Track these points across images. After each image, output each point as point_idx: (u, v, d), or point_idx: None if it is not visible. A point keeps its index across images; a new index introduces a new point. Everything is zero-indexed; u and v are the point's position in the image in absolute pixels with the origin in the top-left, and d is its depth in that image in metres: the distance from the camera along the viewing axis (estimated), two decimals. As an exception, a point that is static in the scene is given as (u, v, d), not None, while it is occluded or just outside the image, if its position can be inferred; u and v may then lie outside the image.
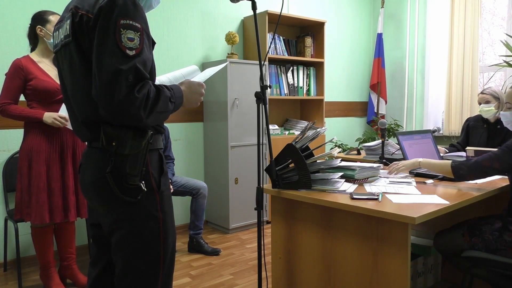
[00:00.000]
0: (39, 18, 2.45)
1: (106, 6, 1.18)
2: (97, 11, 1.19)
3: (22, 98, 2.48)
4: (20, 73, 2.40)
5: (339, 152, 4.11)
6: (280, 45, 4.23)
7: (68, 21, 1.27)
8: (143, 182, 1.28)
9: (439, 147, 2.71)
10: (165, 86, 1.31)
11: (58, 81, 2.48)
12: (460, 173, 1.92)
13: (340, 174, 1.95)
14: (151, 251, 1.33)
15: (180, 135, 3.83)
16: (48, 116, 2.38)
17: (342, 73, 5.20)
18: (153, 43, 1.33)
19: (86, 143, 1.39)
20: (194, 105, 1.46)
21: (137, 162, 1.26)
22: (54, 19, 2.44)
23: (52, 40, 2.37)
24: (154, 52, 1.34)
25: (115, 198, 1.27)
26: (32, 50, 2.52)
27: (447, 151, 2.85)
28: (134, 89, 1.16)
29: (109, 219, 1.32)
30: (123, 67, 1.15)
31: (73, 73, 1.30)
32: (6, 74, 2.44)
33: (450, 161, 1.98)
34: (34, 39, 2.49)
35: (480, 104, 2.83)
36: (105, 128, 1.25)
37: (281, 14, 2.55)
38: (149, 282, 1.35)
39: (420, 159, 2.10)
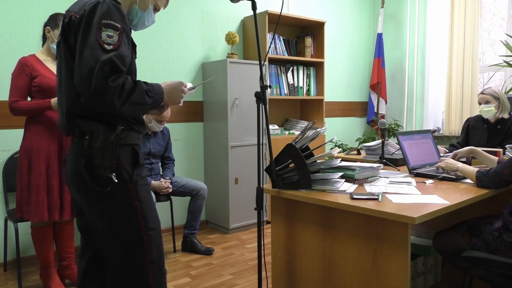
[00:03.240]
0: (52, 20, 2.47)
1: (91, 8, 1.31)
2: (82, 12, 1.32)
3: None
4: (26, 70, 2.42)
5: (339, 152, 4.11)
6: (280, 45, 4.23)
7: (61, 23, 1.44)
8: (114, 174, 1.36)
9: (439, 147, 2.71)
10: (144, 81, 1.41)
11: None
12: (482, 183, 1.93)
13: (340, 174, 1.95)
14: (133, 237, 1.41)
15: (180, 135, 3.83)
16: (54, 101, 2.39)
17: (342, 73, 5.20)
18: (134, 45, 1.46)
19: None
20: (176, 102, 1.56)
21: (106, 154, 1.35)
22: None
23: (54, 45, 2.45)
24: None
25: (89, 188, 1.37)
26: (43, 45, 2.55)
27: (447, 151, 2.85)
28: (108, 79, 1.27)
29: (88, 209, 1.43)
30: (100, 59, 1.27)
31: (61, 69, 1.43)
32: (12, 74, 2.45)
33: (477, 169, 1.99)
34: (44, 36, 2.52)
35: (480, 104, 2.83)
36: (79, 123, 1.36)
37: (281, 14, 2.56)
38: (135, 267, 1.42)
39: (459, 165, 2.10)
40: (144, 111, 1.44)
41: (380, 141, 2.74)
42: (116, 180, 1.36)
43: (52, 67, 2.50)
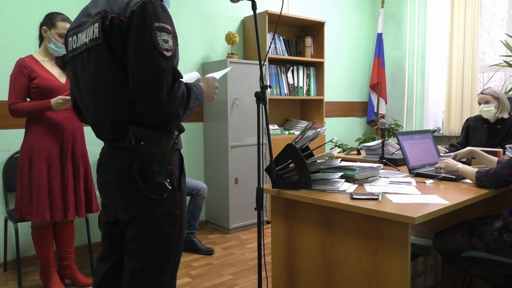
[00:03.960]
0: (48, 19, 2.45)
1: (138, 10, 1.22)
2: (130, 14, 1.23)
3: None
4: (24, 71, 2.40)
5: (339, 152, 4.11)
6: (280, 45, 4.23)
7: (97, 25, 1.30)
8: (168, 180, 1.34)
9: (439, 147, 2.71)
10: (190, 84, 1.36)
11: (61, 80, 2.49)
12: (482, 184, 1.93)
13: (340, 174, 1.95)
14: (165, 246, 1.38)
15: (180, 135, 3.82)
16: (53, 101, 2.37)
17: (342, 73, 5.20)
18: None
19: (106, 143, 1.43)
20: (211, 99, 1.54)
21: (163, 161, 1.32)
22: (61, 26, 2.42)
23: (51, 45, 2.43)
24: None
25: (138, 195, 1.32)
26: (39, 45, 2.53)
27: (447, 151, 2.85)
28: (174, 88, 1.24)
29: (129, 214, 1.36)
30: (164, 67, 1.22)
31: (100, 75, 1.33)
32: (10, 76, 2.44)
33: (476, 169, 1.99)
34: (40, 36, 2.51)
35: (480, 104, 2.83)
36: (134, 129, 1.29)
37: (281, 14, 2.56)
38: (158, 274, 1.39)
39: (459, 165, 2.10)
40: (191, 115, 1.40)
41: (380, 141, 2.74)
42: (170, 187, 1.34)
43: (50, 67, 2.50)
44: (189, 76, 1.59)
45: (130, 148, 1.30)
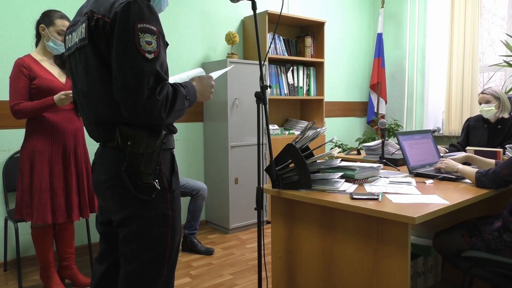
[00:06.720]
0: (46, 17, 2.43)
1: (122, 10, 1.21)
2: (113, 16, 1.22)
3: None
4: (24, 71, 2.37)
5: (339, 152, 4.11)
6: (280, 45, 4.23)
7: (84, 25, 1.30)
8: (156, 180, 1.32)
9: (439, 147, 2.71)
10: (180, 84, 1.35)
11: (61, 80, 2.48)
12: (482, 184, 1.93)
13: (340, 174, 1.95)
14: (158, 247, 1.37)
15: (180, 135, 3.82)
16: (56, 97, 2.34)
17: (342, 73, 5.20)
18: (166, 44, 1.37)
19: (99, 143, 1.42)
20: (207, 98, 1.52)
21: (151, 161, 1.30)
22: (60, 23, 2.41)
23: (50, 43, 2.41)
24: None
25: (128, 195, 1.31)
26: (36, 44, 2.51)
27: (447, 151, 2.85)
28: (155, 92, 1.22)
29: (121, 215, 1.35)
30: (144, 71, 1.20)
31: (89, 76, 1.33)
32: (10, 77, 2.41)
33: (476, 170, 1.99)
34: (37, 35, 2.49)
35: (480, 104, 2.83)
36: (121, 128, 1.29)
37: (281, 14, 2.56)
38: (153, 276, 1.38)
39: (459, 166, 2.10)
40: (181, 116, 1.38)
41: (380, 141, 2.74)
42: (159, 187, 1.32)
43: (49, 66, 2.48)
44: (193, 72, 1.59)
45: (119, 148, 1.30)
